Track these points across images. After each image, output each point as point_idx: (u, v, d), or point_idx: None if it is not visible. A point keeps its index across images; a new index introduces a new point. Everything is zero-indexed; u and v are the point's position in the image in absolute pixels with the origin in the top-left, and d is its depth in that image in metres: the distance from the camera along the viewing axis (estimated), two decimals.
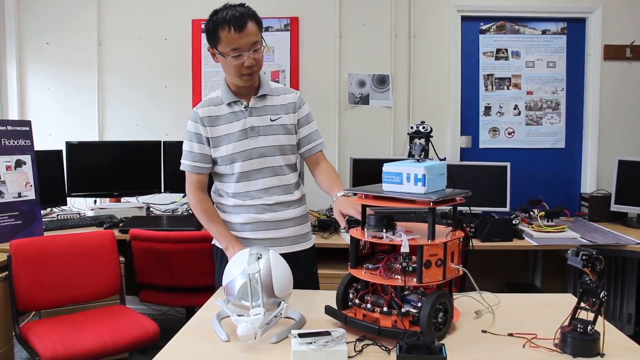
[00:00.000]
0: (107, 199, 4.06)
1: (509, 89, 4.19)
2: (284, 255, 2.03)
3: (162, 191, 4.01)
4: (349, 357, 1.47)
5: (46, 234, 3.23)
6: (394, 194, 1.65)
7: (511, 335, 1.65)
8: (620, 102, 4.14)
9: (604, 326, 1.52)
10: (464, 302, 1.90)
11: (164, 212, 4.03)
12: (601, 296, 1.51)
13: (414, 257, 1.58)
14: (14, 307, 2.79)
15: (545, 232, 3.35)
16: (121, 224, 3.52)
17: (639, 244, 3.22)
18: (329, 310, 1.75)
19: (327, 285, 2.36)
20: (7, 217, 3.09)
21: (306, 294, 2.06)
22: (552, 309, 1.84)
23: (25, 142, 3.21)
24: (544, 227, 3.39)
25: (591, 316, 1.53)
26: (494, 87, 4.19)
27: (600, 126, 4.14)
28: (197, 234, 3.16)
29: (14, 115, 4.26)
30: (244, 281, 1.69)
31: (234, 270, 1.75)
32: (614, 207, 3.77)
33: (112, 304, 3.09)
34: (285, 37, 4.15)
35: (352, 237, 1.73)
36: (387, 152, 4.17)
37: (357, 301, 1.71)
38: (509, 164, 3.72)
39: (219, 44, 2.08)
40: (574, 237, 3.29)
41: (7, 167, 3.11)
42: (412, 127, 1.73)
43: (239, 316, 1.61)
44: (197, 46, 4.22)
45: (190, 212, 3.82)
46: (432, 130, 1.72)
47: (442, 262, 1.60)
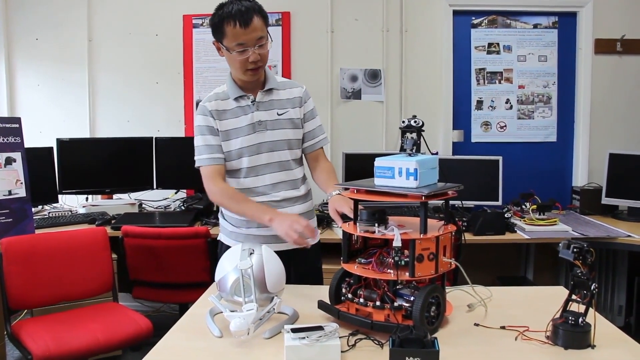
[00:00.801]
0: (99, 196, 4.04)
1: (500, 83, 4.20)
2: (291, 251, 2.04)
3: (154, 187, 3.99)
4: (342, 351, 1.47)
5: (38, 231, 3.21)
6: (386, 189, 1.65)
7: (503, 328, 1.65)
8: (611, 96, 4.16)
9: (594, 318, 1.53)
10: (456, 295, 1.91)
11: (157, 208, 4.01)
12: (592, 288, 1.52)
13: (407, 251, 1.58)
14: (5, 306, 2.78)
15: (537, 225, 3.37)
16: (113, 221, 3.51)
17: (630, 236, 3.24)
18: (321, 305, 1.75)
19: None
20: None
21: (299, 288, 2.06)
22: (544, 302, 1.85)
23: (15, 140, 3.19)
24: (536, 220, 3.40)
25: (582, 308, 1.55)
26: (486, 81, 4.20)
27: (591, 120, 4.16)
28: (189, 230, 3.16)
29: (3, 112, 4.22)
30: (236, 277, 1.69)
31: (226, 266, 1.75)
32: (605, 200, 3.79)
33: (105, 302, 3.08)
34: (276, 32, 4.13)
35: (344, 232, 1.73)
36: (379, 147, 4.17)
37: (349, 296, 1.71)
38: (500, 158, 3.73)
39: (224, 39, 2.06)
40: (565, 230, 3.31)
41: None
42: (403, 122, 1.73)
43: (231, 312, 1.61)
44: (189, 42, 4.20)
45: (183, 208, 3.81)
46: (423, 124, 1.72)
47: (435, 256, 1.60)
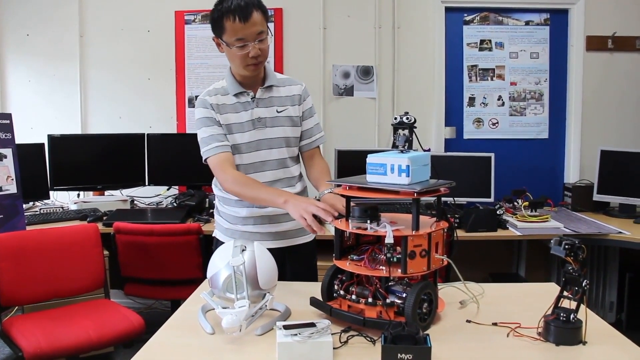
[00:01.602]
0: (91, 193, 4.03)
1: (492, 79, 4.20)
2: (286, 248, 2.03)
3: (146, 184, 3.98)
4: (334, 348, 1.47)
5: (29, 228, 3.19)
6: (378, 185, 1.65)
7: (495, 324, 1.66)
8: (602, 93, 4.18)
9: (586, 314, 1.54)
10: (448, 292, 1.91)
11: (149, 205, 4.00)
12: (583, 285, 1.53)
13: (399, 248, 1.58)
14: None
15: (529, 222, 3.38)
16: (105, 218, 3.50)
17: (621, 233, 3.26)
18: (314, 301, 1.75)
19: None
20: None
21: (291, 285, 2.06)
22: (536, 298, 1.85)
23: (5, 136, 3.17)
24: (528, 217, 3.42)
25: (574, 305, 1.55)
26: (478, 78, 4.20)
27: (582, 117, 4.17)
28: (181, 226, 3.15)
29: None
30: (228, 273, 1.68)
31: (218, 262, 1.74)
32: (597, 197, 3.81)
33: (97, 298, 3.08)
34: None
35: (336, 229, 1.73)
36: (371, 144, 4.17)
37: (342, 292, 1.71)
38: (493, 155, 3.74)
39: (224, 34, 2.05)
40: (557, 227, 3.32)
41: None
42: (395, 118, 1.73)
43: (223, 308, 1.61)
44: (181, 38, 4.18)
45: (175, 204, 3.79)
46: (415, 121, 1.72)
47: (427, 252, 1.60)
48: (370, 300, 1.63)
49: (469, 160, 3.80)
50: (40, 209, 3.74)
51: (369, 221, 1.63)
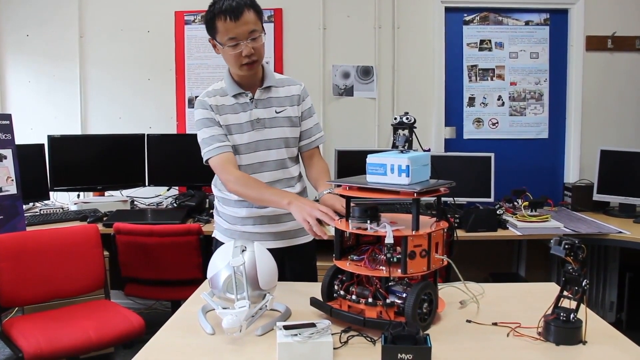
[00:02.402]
0: (91, 193, 4.03)
1: (492, 79, 4.21)
2: (285, 249, 2.03)
3: (147, 184, 3.98)
4: (334, 348, 1.47)
5: (29, 228, 3.19)
6: (378, 185, 1.65)
7: (495, 324, 1.66)
8: (602, 93, 4.18)
9: (586, 314, 1.54)
10: (448, 292, 1.91)
11: (149, 205, 4.00)
12: (583, 284, 1.53)
13: (399, 248, 1.58)
14: None
15: (529, 222, 3.38)
16: (105, 218, 3.50)
17: (621, 232, 3.26)
18: (314, 302, 1.75)
19: None
20: None
21: (291, 285, 2.06)
22: (536, 298, 1.85)
23: (5, 136, 3.17)
24: (528, 217, 3.42)
25: (574, 304, 1.55)
26: (478, 78, 4.20)
27: (582, 116, 4.17)
28: (182, 227, 3.15)
29: None
30: (228, 274, 1.68)
31: (218, 263, 1.74)
32: (597, 197, 3.81)
33: (97, 299, 3.08)
34: (269, 29, 4.12)
35: (336, 229, 1.73)
36: (371, 144, 4.17)
37: (342, 292, 1.71)
38: (493, 155, 3.74)
39: (217, 34, 2.06)
40: (557, 227, 3.32)
41: None
42: (395, 118, 1.73)
43: (224, 309, 1.61)
44: (180, 38, 4.18)
45: (175, 205, 3.79)
46: (415, 121, 1.72)
47: (427, 252, 1.60)
48: (370, 300, 1.63)
49: (469, 160, 3.80)
50: (40, 210, 3.74)
51: (369, 221, 1.63)
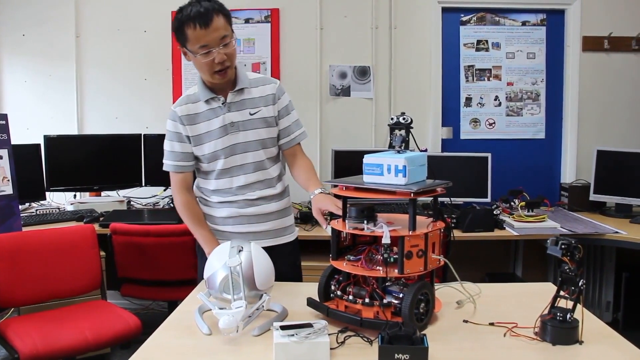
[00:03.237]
0: (87, 193, 4.02)
1: (489, 80, 4.21)
2: (267, 248, 2.02)
3: (143, 185, 3.98)
4: (331, 348, 1.47)
5: (25, 229, 3.18)
6: (374, 186, 1.65)
7: (492, 324, 1.66)
8: (598, 93, 4.18)
9: (582, 314, 1.54)
10: (445, 292, 1.91)
11: (145, 205, 3.99)
12: (580, 284, 1.53)
13: (395, 248, 1.58)
14: None
15: (525, 222, 3.38)
16: (102, 218, 3.49)
17: (617, 232, 3.27)
18: (311, 302, 1.75)
19: (310, 277, 2.35)
20: None
21: (288, 286, 2.06)
22: (533, 298, 1.85)
23: (1, 136, 3.16)
24: (525, 217, 3.42)
25: (570, 304, 1.55)
26: (475, 78, 4.21)
27: (579, 117, 4.18)
28: (178, 227, 3.14)
29: None
30: (225, 274, 1.68)
31: (215, 263, 1.74)
32: (593, 197, 3.82)
33: (93, 299, 3.07)
34: (265, 29, 4.12)
35: (333, 229, 1.73)
36: (368, 144, 4.17)
37: (339, 293, 1.71)
38: (489, 155, 3.74)
39: (187, 43, 2.01)
40: (554, 227, 3.32)
41: None
42: (392, 119, 1.73)
43: (220, 309, 1.61)
44: None
45: (171, 205, 3.79)
46: (412, 121, 1.72)
47: (424, 252, 1.61)
48: (367, 300, 1.63)
49: (466, 160, 3.80)
50: (36, 210, 3.73)
51: (365, 221, 1.63)
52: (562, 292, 1.58)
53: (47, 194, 3.85)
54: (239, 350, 1.53)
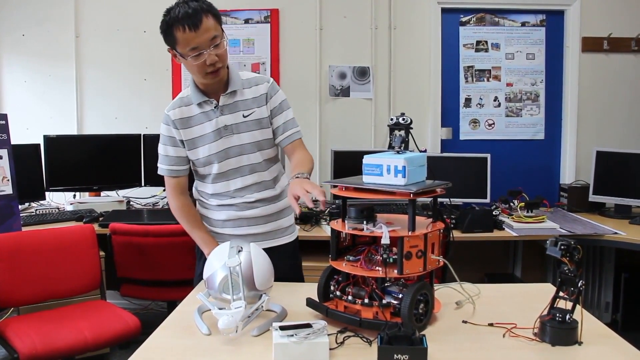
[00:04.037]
0: (87, 193, 4.02)
1: (489, 80, 4.21)
2: (267, 249, 2.02)
3: (143, 185, 3.98)
4: (330, 349, 1.47)
5: (24, 229, 3.18)
6: (374, 186, 1.65)
7: (491, 325, 1.66)
8: (598, 94, 4.19)
9: (582, 315, 1.54)
10: (444, 292, 1.91)
11: (145, 205, 3.99)
12: (579, 285, 1.53)
13: (395, 249, 1.58)
14: None
15: (525, 222, 3.38)
16: (101, 218, 3.49)
17: (616, 233, 3.27)
18: (310, 302, 1.75)
19: (309, 277, 2.35)
20: None
21: (287, 286, 2.05)
22: (532, 299, 1.86)
23: (1, 136, 3.15)
24: (524, 217, 3.42)
25: (569, 305, 1.55)
26: (474, 79, 4.21)
27: (578, 117, 4.19)
28: (177, 227, 3.09)
29: None
30: (224, 274, 1.68)
31: (214, 263, 1.74)
32: (592, 198, 3.82)
33: (93, 299, 3.07)
34: (265, 29, 4.13)
35: (332, 230, 1.73)
36: (368, 144, 4.17)
37: (338, 293, 1.71)
38: (489, 155, 3.74)
39: (177, 45, 1.97)
40: (553, 228, 3.33)
41: None
42: (392, 119, 1.73)
43: (220, 309, 1.60)
44: None
45: None
46: (412, 121, 1.72)
47: (423, 253, 1.61)
48: (366, 301, 1.63)
49: (465, 161, 3.80)
50: (36, 210, 3.72)
51: (365, 222, 1.63)
52: (561, 293, 1.58)
53: (47, 194, 3.85)
54: (238, 350, 1.53)
